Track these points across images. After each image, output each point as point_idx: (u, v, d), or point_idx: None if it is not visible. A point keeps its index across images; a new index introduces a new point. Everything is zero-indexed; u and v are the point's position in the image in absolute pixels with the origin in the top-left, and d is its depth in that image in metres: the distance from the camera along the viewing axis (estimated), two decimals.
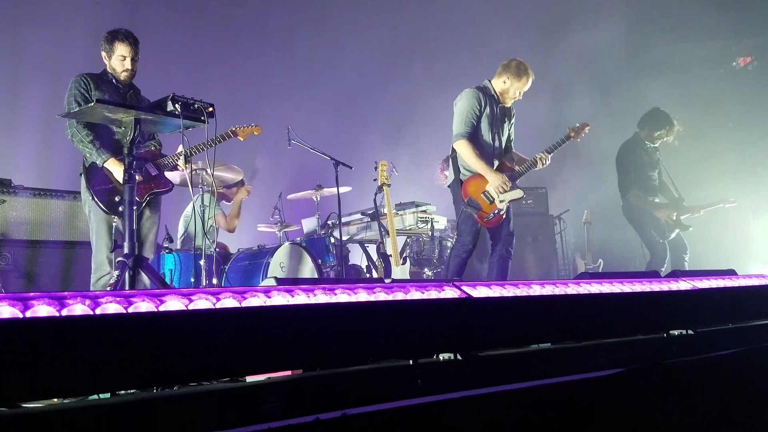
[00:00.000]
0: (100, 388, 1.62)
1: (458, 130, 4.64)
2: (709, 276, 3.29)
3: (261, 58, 8.61)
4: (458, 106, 4.72)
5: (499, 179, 4.56)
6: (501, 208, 4.60)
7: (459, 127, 4.64)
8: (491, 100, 4.73)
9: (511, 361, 2.38)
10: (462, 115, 4.64)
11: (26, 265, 4.70)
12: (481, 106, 4.66)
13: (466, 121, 4.62)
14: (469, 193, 4.60)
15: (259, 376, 1.87)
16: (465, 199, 4.59)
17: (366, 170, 5.89)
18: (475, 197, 4.59)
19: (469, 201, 4.57)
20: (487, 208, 4.59)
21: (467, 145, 4.59)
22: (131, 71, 4.08)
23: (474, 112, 4.63)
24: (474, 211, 4.55)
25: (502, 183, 4.56)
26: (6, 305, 1.46)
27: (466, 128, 4.62)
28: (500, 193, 4.58)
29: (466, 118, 4.62)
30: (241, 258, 5.57)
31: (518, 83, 4.71)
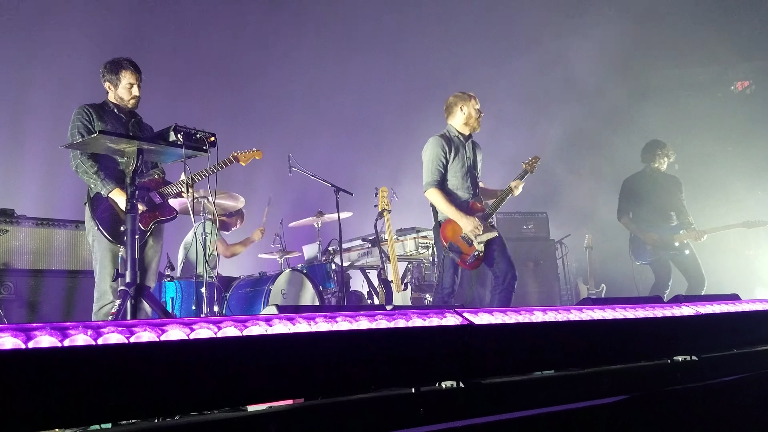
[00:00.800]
0: (101, 418, 1.62)
1: (426, 180, 4.73)
2: (712, 301, 3.28)
3: (262, 87, 8.69)
4: (425, 156, 4.80)
5: (471, 223, 4.60)
6: (480, 250, 4.63)
7: (427, 177, 4.73)
8: (457, 142, 4.80)
9: (515, 388, 2.37)
10: (429, 164, 4.73)
11: (29, 295, 4.70)
12: (447, 152, 4.73)
13: (432, 171, 4.70)
14: (448, 237, 4.66)
15: (260, 406, 1.86)
16: (446, 244, 4.63)
17: (366, 196, 5.91)
18: (454, 241, 4.64)
19: (450, 246, 4.62)
20: (467, 250, 4.63)
21: (437, 194, 4.67)
22: (138, 98, 4.12)
23: (440, 160, 4.71)
24: (456, 255, 4.60)
25: (474, 227, 4.60)
26: (9, 336, 1.47)
27: (433, 177, 4.70)
28: (475, 236, 4.60)
29: (433, 167, 4.70)
30: (242, 285, 5.56)
31: (471, 102, 4.80)
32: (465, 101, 4.81)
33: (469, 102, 4.81)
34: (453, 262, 4.63)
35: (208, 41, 8.55)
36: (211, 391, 1.69)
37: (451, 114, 4.87)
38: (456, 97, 4.86)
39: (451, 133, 4.83)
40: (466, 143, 4.83)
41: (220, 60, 8.61)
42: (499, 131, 8.45)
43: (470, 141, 4.88)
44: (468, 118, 4.81)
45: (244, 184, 7.09)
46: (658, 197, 6.32)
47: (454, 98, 4.87)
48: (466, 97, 4.82)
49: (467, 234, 4.61)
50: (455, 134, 4.82)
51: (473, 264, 4.67)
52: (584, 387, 2.53)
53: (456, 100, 4.85)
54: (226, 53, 8.63)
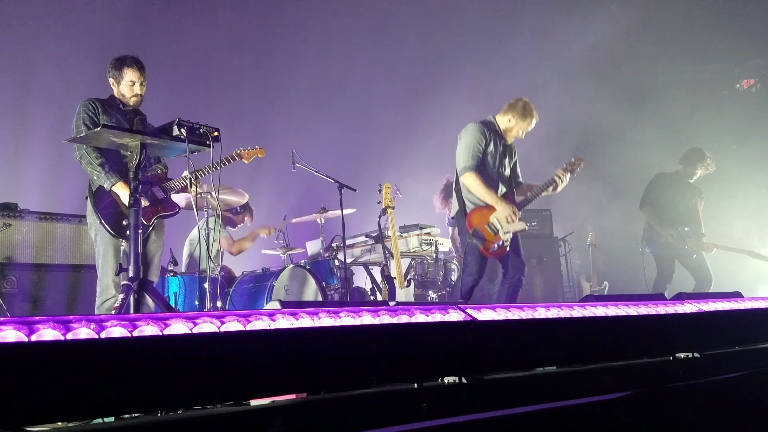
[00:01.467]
0: (104, 412, 1.62)
1: (465, 164, 4.65)
2: (715, 299, 3.28)
3: (265, 83, 8.69)
4: (463, 139, 4.73)
5: (508, 209, 4.58)
6: (505, 240, 4.60)
7: (466, 161, 4.65)
8: (494, 135, 4.76)
9: (517, 384, 2.37)
10: (468, 149, 4.66)
11: (31, 289, 4.71)
12: (486, 140, 4.68)
13: (472, 155, 4.64)
14: (473, 224, 4.62)
15: (263, 400, 1.87)
16: (470, 231, 4.60)
17: (370, 193, 5.91)
18: (479, 228, 4.60)
19: (473, 232, 4.58)
20: (492, 239, 4.59)
21: (475, 177, 4.61)
22: (140, 96, 4.12)
23: (480, 146, 4.66)
24: (479, 242, 4.56)
25: (511, 213, 4.58)
26: (11, 329, 1.47)
27: (473, 161, 4.63)
28: (509, 222, 4.57)
29: (473, 151, 4.64)
30: (245, 281, 5.57)
31: (523, 123, 4.74)
32: (519, 118, 4.71)
33: (524, 121, 4.72)
34: (477, 249, 4.58)
35: (211, 37, 8.55)
36: (214, 385, 1.69)
37: (505, 112, 4.79)
38: (516, 108, 4.73)
39: (492, 124, 4.78)
40: (502, 140, 4.79)
41: (223, 55, 8.61)
42: None
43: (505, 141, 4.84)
44: (508, 130, 4.76)
45: (247, 180, 7.09)
46: (681, 202, 6.50)
47: (516, 105, 4.74)
48: (526, 116, 4.71)
49: (496, 221, 4.58)
50: (496, 127, 4.78)
51: (496, 253, 4.63)
52: (586, 383, 2.53)
53: (513, 110, 4.74)
54: (230, 49, 8.63)
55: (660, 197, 6.54)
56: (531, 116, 4.74)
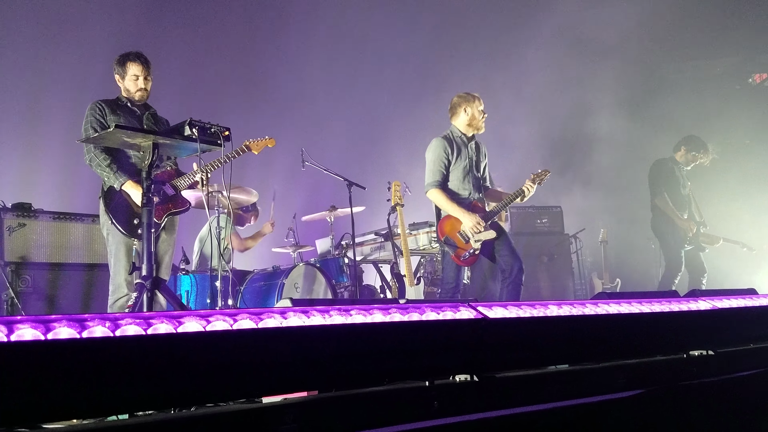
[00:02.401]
0: (119, 410, 1.64)
1: (428, 180, 4.77)
2: (729, 295, 3.26)
3: (275, 82, 8.71)
4: (428, 156, 4.84)
5: (472, 220, 4.63)
6: (476, 248, 4.66)
7: (429, 177, 4.77)
8: (459, 142, 4.82)
9: (529, 382, 2.36)
10: (431, 165, 4.77)
11: (46, 288, 4.76)
12: (449, 153, 4.76)
13: (435, 171, 4.75)
14: (445, 232, 4.71)
15: (275, 397, 1.87)
16: (441, 238, 4.69)
17: (379, 190, 5.91)
18: (451, 236, 4.69)
19: (445, 240, 4.68)
20: (463, 246, 4.66)
21: (438, 193, 4.72)
22: (145, 91, 4.14)
23: (442, 161, 4.75)
24: (451, 250, 4.64)
25: (475, 224, 4.63)
26: (28, 327, 1.49)
27: (435, 177, 4.74)
28: (475, 233, 4.63)
29: (436, 167, 4.75)
30: (256, 279, 5.59)
31: (475, 103, 4.81)
32: (469, 102, 4.82)
33: (473, 103, 4.82)
34: (449, 256, 4.66)
35: (222, 36, 8.58)
36: (226, 382, 1.70)
37: (455, 114, 4.89)
38: (460, 98, 4.86)
39: (454, 134, 4.86)
40: (468, 144, 4.86)
41: (233, 55, 8.63)
42: (511, 124, 8.43)
43: (473, 142, 4.91)
44: (471, 119, 4.84)
45: (257, 179, 7.12)
46: (683, 191, 6.35)
47: (458, 99, 4.87)
48: (470, 98, 4.83)
49: (465, 230, 4.65)
50: (458, 135, 4.86)
51: (468, 261, 4.71)
52: (599, 381, 2.52)
53: (460, 101, 4.86)
54: (240, 48, 8.65)
55: (665, 186, 6.31)
56: (471, 95, 4.83)
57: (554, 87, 8.79)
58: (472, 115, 4.82)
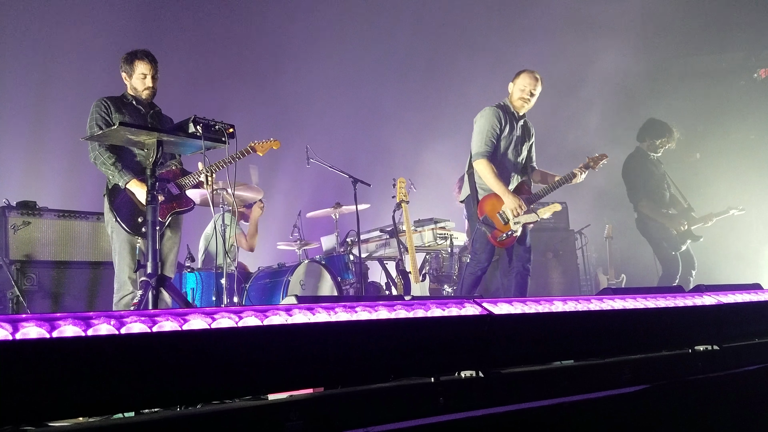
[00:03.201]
0: (124, 407, 1.64)
1: (478, 149, 4.62)
2: (734, 290, 3.24)
3: (280, 78, 8.70)
4: (478, 123, 4.70)
5: (514, 202, 4.53)
6: (515, 230, 4.57)
7: (479, 146, 4.62)
8: (511, 118, 4.71)
9: (534, 378, 2.36)
10: (482, 134, 4.62)
11: (51, 286, 4.77)
12: (501, 124, 4.64)
13: (486, 140, 4.60)
14: (485, 211, 4.60)
15: (281, 394, 1.88)
16: (480, 217, 4.58)
17: (384, 187, 5.90)
18: (490, 216, 4.58)
19: (484, 219, 4.56)
20: (502, 228, 4.57)
21: (486, 165, 4.57)
22: (152, 89, 4.14)
23: (494, 131, 4.62)
24: (488, 229, 4.54)
25: (517, 206, 4.53)
26: (33, 326, 1.49)
27: (486, 147, 4.60)
28: (515, 215, 4.55)
29: (487, 137, 4.60)
30: (261, 276, 5.60)
31: (518, 81, 4.70)
32: (515, 79, 4.74)
33: (516, 81, 4.72)
34: (486, 236, 4.56)
35: (226, 33, 8.58)
36: (232, 379, 1.71)
37: (510, 90, 4.80)
38: (513, 80, 4.77)
39: (507, 106, 4.76)
40: (518, 120, 4.76)
41: (238, 52, 8.63)
42: None
43: (523, 120, 4.80)
44: (511, 96, 4.75)
45: (262, 176, 7.11)
46: (660, 180, 6.11)
47: (515, 77, 4.77)
48: (516, 76, 4.74)
49: (506, 211, 4.56)
50: (511, 109, 4.76)
51: (504, 242, 4.60)
52: (604, 377, 2.52)
53: (511, 83, 4.77)
54: (244, 45, 8.65)
55: (646, 184, 6.06)
56: (522, 72, 4.73)
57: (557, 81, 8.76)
58: (511, 93, 4.74)
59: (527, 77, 4.71)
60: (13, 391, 1.40)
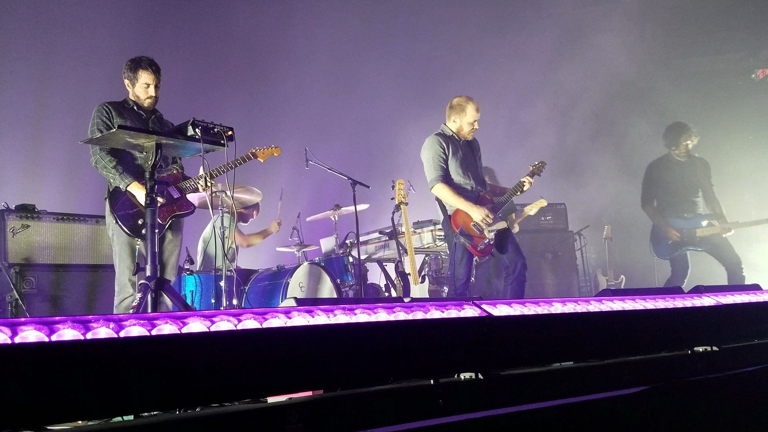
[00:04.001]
0: (124, 411, 1.64)
1: (431, 176, 4.79)
2: (733, 291, 3.25)
3: (279, 81, 8.70)
4: (424, 156, 4.86)
5: (481, 213, 4.67)
6: (490, 238, 4.70)
7: (431, 174, 4.79)
8: (451, 141, 4.85)
9: (533, 379, 2.36)
10: (430, 162, 4.80)
11: (50, 289, 4.76)
12: (445, 148, 4.79)
13: (435, 167, 4.77)
14: (459, 224, 4.72)
15: (280, 397, 1.87)
16: (456, 230, 4.68)
17: (383, 189, 5.90)
18: (466, 228, 4.70)
19: (460, 231, 4.68)
20: (478, 238, 4.69)
21: (443, 188, 4.73)
22: (154, 98, 4.15)
23: (441, 157, 4.78)
24: (467, 241, 4.65)
25: (485, 215, 4.66)
26: (32, 329, 1.49)
27: (437, 173, 4.76)
28: (486, 225, 4.67)
29: (435, 163, 4.77)
30: (260, 278, 5.59)
31: (465, 117, 4.83)
32: (460, 114, 4.84)
33: (464, 115, 4.83)
34: (465, 252, 4.66)
35: (225, 36, 8.57)
36: (231, 382, 1.71)
37: (448, 118, 4.94)
38: (454, 106, 4.88)
39: (446, 133, 4.89)
40: (460, 141, 4.89)
41: (237, 55, 8.63)
42: (518, 120, 8.41)
43: (465, 141, 4.92)
44: (459, 129, 4.88)
45: (261, 178, 7.11)
46: (684, 183, 6.14)
47: (453, 104, 4.89)
48: (462, 109, 4.83)
49: (478, 222, 4.66)
50: (450, 134, 4.89)
51: (484, 251, 4.73)
52: (604, 378, 2.52)
53: (453, 110, 4.89)
54: (243, 48, 8.65)
55: (658, 190, 6.19)
56: (467, 105, 4.83)
57: (556, 83, 8.78)
58: (460, 126, 4.86)
59: (474, 110, 4.84)
60: (12, 394, 1.40)
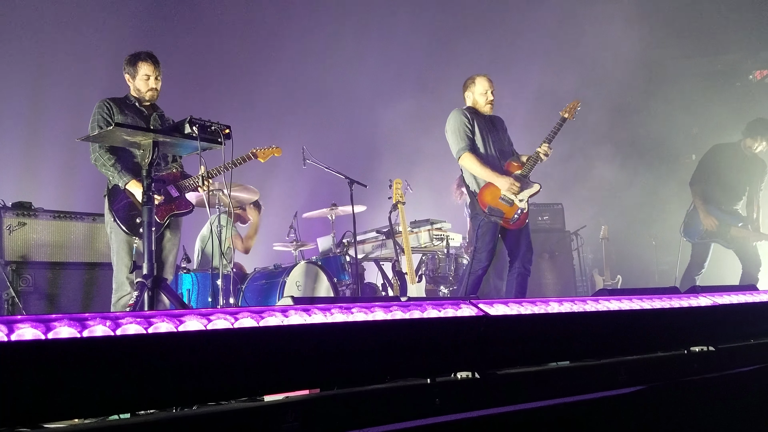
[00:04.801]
0: (120, 409, 1.64)
1: (458, 147, 4.74)
2: (729, 291, 3.26)
3: (276, 79, 8.70)
4: (449, 127, 4.83)
5: (507, 182, 4.63)
6: (522, 208, 4.66)
7: (457, 144, 4.75)
8: (475, 116, 4.84)
9: (530, 379, 2.37)
10: (456, 133, 4.76)
11: (47, 287, 4.75)
12: (470, 120, 4.77)
13: (461, 137, 4.73)
14: (487, 202, 4.65)
15: (277, 396, 1.87)
16: (485, 210, 4.62)
17: (381, 188, 5.90)
18: (494, 205, 4.64)
19: (489, 210, 4.61)
20: (509, 211, 4.64)
21: (470, 157, 4.69)
22: (156, 90, 4.14)
23: (466, 127, 4.75)
24: (498, 218, 4.59)
25: (510, 185, 4.62)
26: (29, 327, 1.49)
27: (463, 143, 4.72)
28: (515, 193, 4.62)
29: (461, 134, 4.74)
30: (257, 277, 5.59)
31: (476, 87, 4.86)
32: (470, 88, 4.89)
33: (473, 87, 4.87)
34: (493, 230, 4.61)
35: (221, 34, 8.57)
36: (228, 381, 1.71)
37: (465, 100, 4.96)
38: (465, 86, 4.93)
39: (471, 108, 4.88)
40: (482, 117, 4.86)
41: (234, 53, 8.62)
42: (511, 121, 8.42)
43: (488, 116, 4.91)
44: (475, 103, 4.88)
45: (259, 177, 7.11)
46: (738, 178, 6.03)
47: (465, 85, 4.95)
48: (471, 83, 4.89)
49: (506, 194, 4.62)
50: (473, 110, 4.87)
51: (517, 223, 4.67)
52: (600, 378, 2.52)
53: (464, 90, 4.94)
54: (241, 46, 8.65)
55: (712, 174, 6.01)
56: (477, 77, 4.87)
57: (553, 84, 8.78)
58: (475, 100, 4.87)
59: (484, 80, 4.87)
60: (9, 392, 1.39)
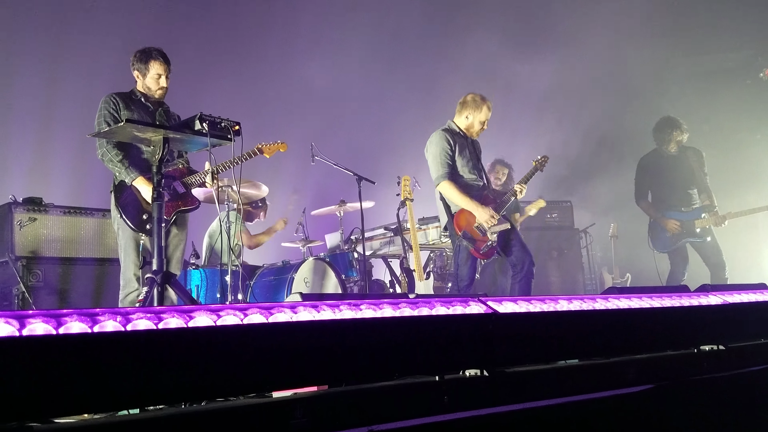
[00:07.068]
0: (129, 404, 1.65)
1: (437, 173, 4.70)
2: (739, 290, 3.24)
3: (285, 76, 8.71)
4: (430, 151, 4.79)
5: (486, 214, 4.60)
6: (493, 240, 4.64)
7: (437, 170, 4.70)
8: (459, 138, 4.80)
9: (539, 377, 2.36)
10: (437, 159, 4.71)
11: (57, 283, 4.77)
12: (452, 144, 4.72)
13: (442, 163, 4.69)
14: (462, 226, 4.65)
15: (285, 392, 1.88)
16: (459, 233, 4.63)
17: (389, 185, 5.90)
18: (468, 230, 4.64)
19: (463, 234, 4.62)
20: (481, 239, 4.64)
21: (450, 185, 4.65)
22: (165, 89, 4.15)
23: (447, 153, 4.70)
24: (470, 244, 4.60)
25: (489, 217, 4.60)
26: (40, 322, 1.50)
27: (444, 169, 4.68)
28: (489, 227, 4.62)
29: (441, 160, 4.69)
30: (266, 273, 5.60)
31: (479, 114, 4.79)
32: (474, 111, 4.80)
33: (478, 113, 4.79)
34: (467, 251, 4.63)
35: (231, 30, 8.58)
36: (237, 377, 1.71)
37: (459, 113, 4.88)
38: (468, 102, 4.83)
39: (454, 129, 4.84)
40: (468, 139, 4.85)
41: (244, 50, 8.63)
42: (524, 119, 8.40)
43: (471, 139, 4.90)
44: (470, 126, 4.83)
45: (267, 173, 7.12)
46: (678, 176, 6.10)
47: (468, 100, 4.84)
48: (478, 107, 4.79)
49: (481, 224, 4.62)
50: (457, 130, 4.84)
51: (486, 254, 4.69)
52: (609, 376, 2.51)
53: (467, 105, 4.83)
54: (250, 43, 8.65)
55: (651, 184, 6.17)
56: (483, 104, 4.80)
57: (562, 82, 8.75)
58: (472, 123, 4.81)
59: (488, 109, 4.81)
60: (20, 387, 1.40)
